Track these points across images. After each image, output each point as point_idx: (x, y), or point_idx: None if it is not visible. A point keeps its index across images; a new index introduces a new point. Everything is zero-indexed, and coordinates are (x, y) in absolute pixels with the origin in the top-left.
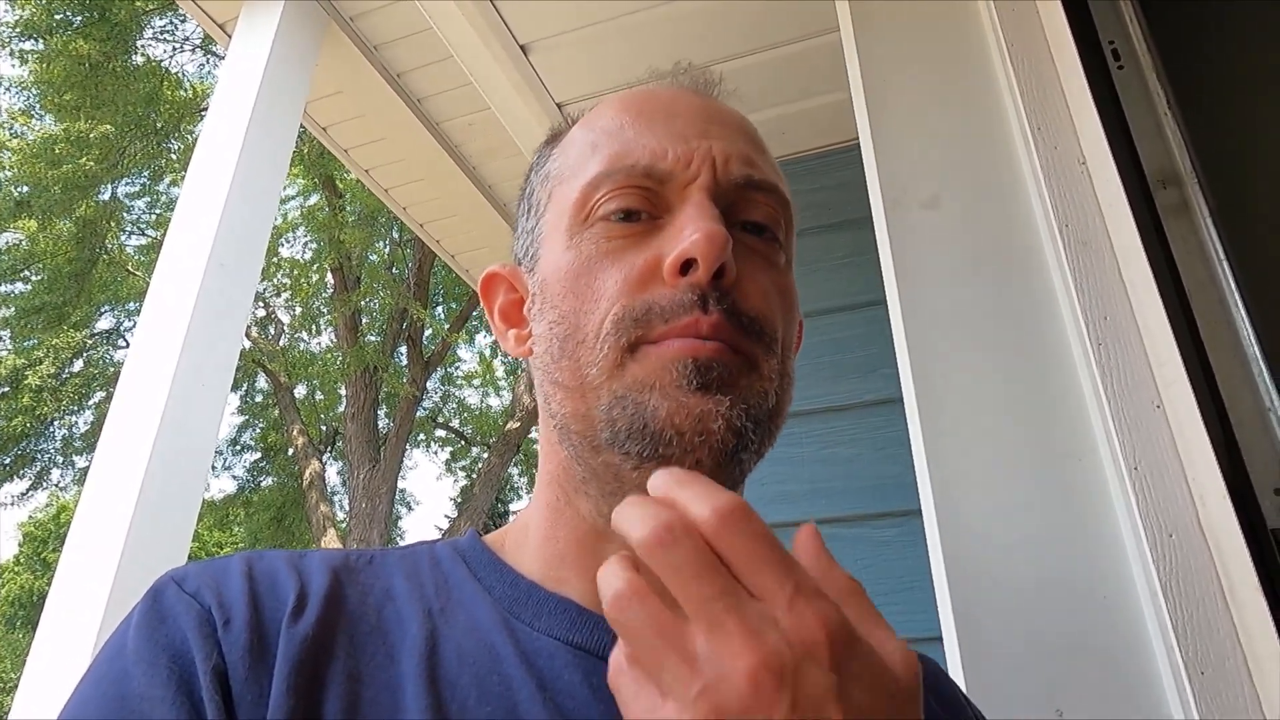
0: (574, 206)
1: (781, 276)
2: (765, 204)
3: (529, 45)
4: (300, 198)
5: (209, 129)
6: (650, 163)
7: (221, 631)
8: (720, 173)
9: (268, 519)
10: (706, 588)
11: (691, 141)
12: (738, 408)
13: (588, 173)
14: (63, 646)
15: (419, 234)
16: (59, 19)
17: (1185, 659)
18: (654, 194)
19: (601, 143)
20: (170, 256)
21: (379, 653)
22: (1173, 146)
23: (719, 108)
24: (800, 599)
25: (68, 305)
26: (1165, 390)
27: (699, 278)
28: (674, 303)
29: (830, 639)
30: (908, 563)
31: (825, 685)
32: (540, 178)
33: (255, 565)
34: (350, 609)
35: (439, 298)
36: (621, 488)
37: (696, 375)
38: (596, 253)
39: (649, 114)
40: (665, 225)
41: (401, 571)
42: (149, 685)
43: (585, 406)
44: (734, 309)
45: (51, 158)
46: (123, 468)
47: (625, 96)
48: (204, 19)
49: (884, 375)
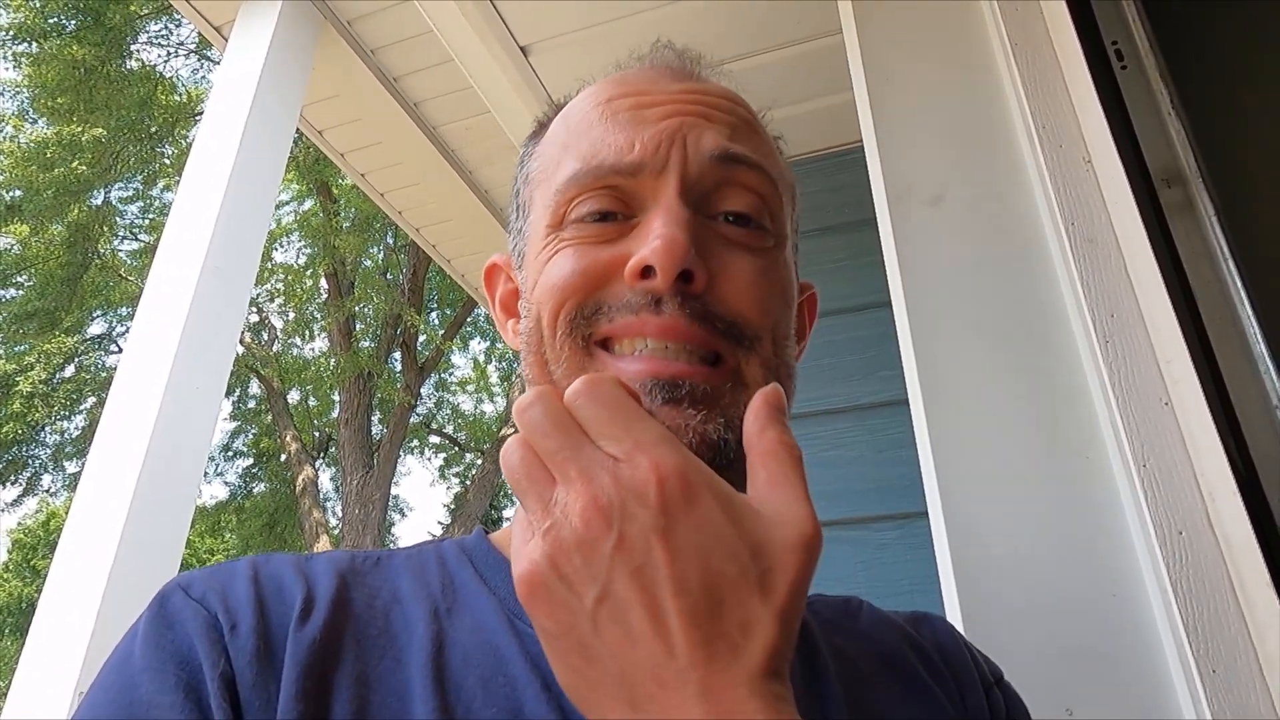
0: (549, 210)
1: (768, 261)
2: (746, 183)
3: (529, 46)
4: (294, 203)
5: (204, 132)
6: (616, 160)
7: (228, 637)
8: (691, 153)
9: (260, 525)
10: (553, 442)
11: (660, 125)
12: (715, 421)
13: (560, 175)
14: (53, 654)
15: (415, 238)
16: (53, 23)
17: (1196, 657)
18: (625, 190)
19: (573, 141)
20: (165, 260)
21: (386, 656)
22: (1176, 145)
23: (696, 86)
24: (639, 450)
25: (59, 310)
26: (1173, 387)
27: (655, 284)
28: (623, 302)
29: (661, 483)
30: (909, 565)
31: (650, 524)
32: (523, 177)
33: (261, 569)
34: (357, 612)
35: (433, 304)
36: None
37: (662, 391)
38: (565, 251)
39: (618, 103)
40: (637, 225)
41: (408, 572)
42: (157, 692)
43: None
44: (706, 312)
45: (44, 161)
46: (115, 473)
47: (599, 85)
48: (200, 22)
49: (884, 377)
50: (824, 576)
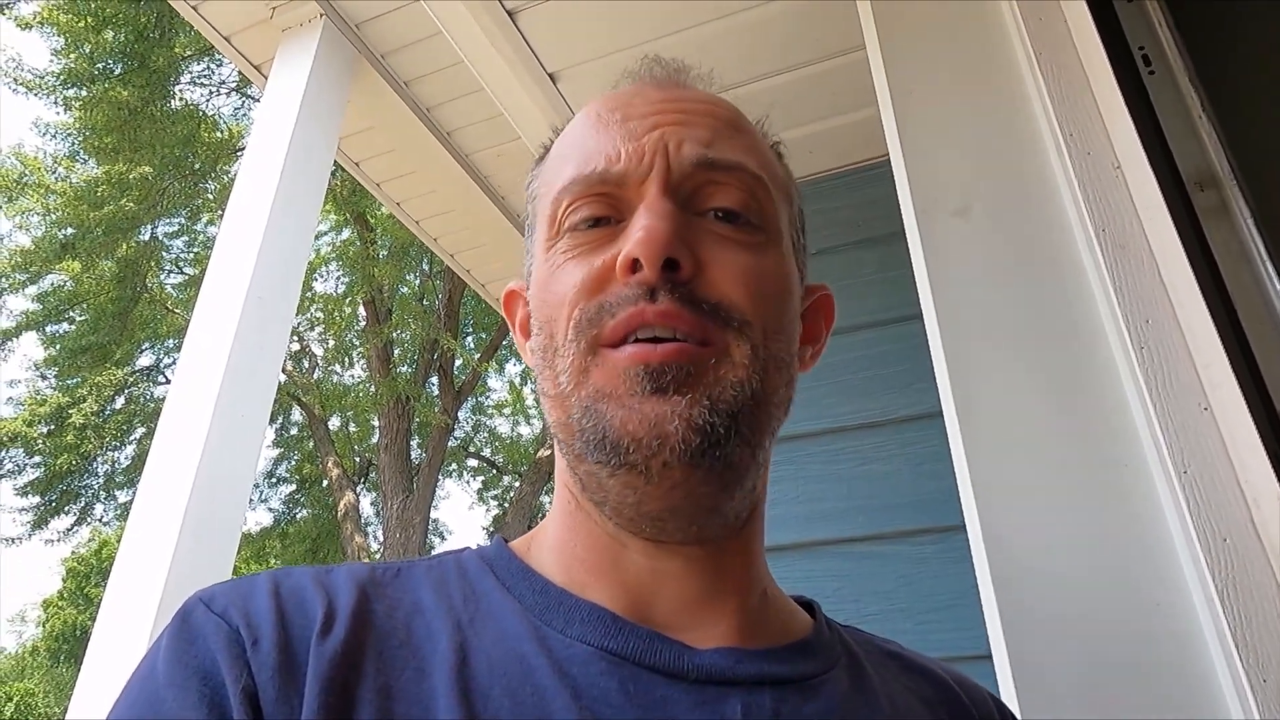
0: (547, 221)
1: (759, 258)
2: (730, 184)
3: (557, 74)
4: (333, 233)
5: (246, 167)
6: (605, 168)
7: (250, 651)
8: (673, 159)
9: (303, 551)
10: None
11: (642, 136)
12: (699, 405)
13: (555, 187)
14: (108, 680)
15: (449, 264)
16: (100, 68)
17: (1245, 666)
18: (615, 197)
19: (568, 154)
20: (210, 293)
21: (409, 667)
22: (1208, 149)
23: (679, 94)
24: None
25: (111, 344)
26: (1212, 392)
27: (645, 275)
28: (620, 298)
29: None
30: (949, 579)
31: None
32: (529, 197)
33: (282, 583)
34: (378, 624)
35: (469, 328)
36: (607, 496)
37: (649, 380)
38: (563, 261)
39: (606, 116)
40: (626, 227)
41: (429, 583)
42: (181, 708)
43: (564, 415)
44: (693, 296)
45: (94, 200)
46: (165, 502)
47: (591, 103)
48: (240, 61)
49: (919, 390)
50: (865, 590)
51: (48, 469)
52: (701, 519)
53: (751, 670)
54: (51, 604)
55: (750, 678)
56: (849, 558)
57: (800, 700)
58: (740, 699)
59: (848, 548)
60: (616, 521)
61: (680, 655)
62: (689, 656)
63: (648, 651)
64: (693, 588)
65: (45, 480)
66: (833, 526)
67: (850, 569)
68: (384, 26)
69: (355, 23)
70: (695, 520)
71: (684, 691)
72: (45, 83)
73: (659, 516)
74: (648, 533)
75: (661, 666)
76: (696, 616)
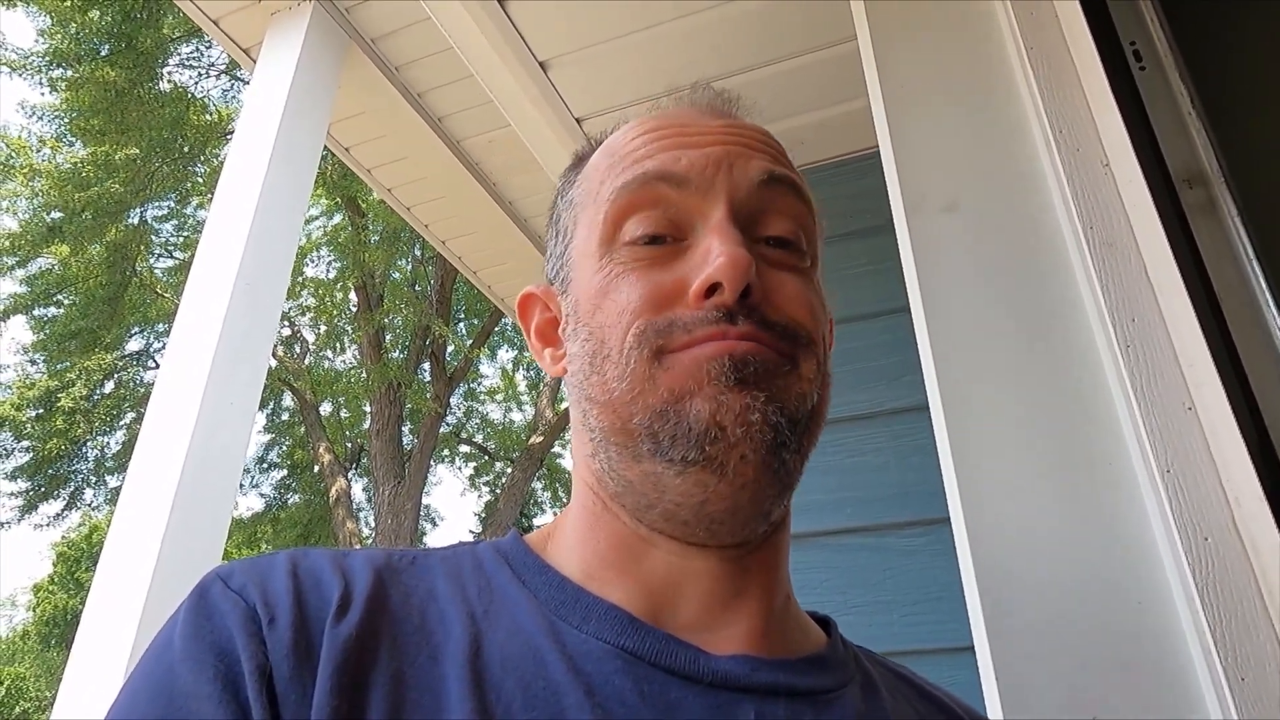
0: (600, 229)
1: (807, 281)
2: (787, 209)
3: (547, 62)
4: (324, 218)
5: (235, 151)
6: (663, 168)
7: (266, 630)
8: (739, 177)
9: (295, 536)
10: None
11: (705, 150)
12: (774, 404)
13: (608, 190)
14: (98, 664)
15: (441, 251)
16: (87, 48)
17: (1224, 664)
18: (674, 206)
19: (618, 162)
20: (198, 277)
21: (422, 654)
22: (1198, 146)
23: (735, 123)
24: None
25: (100, 328)
26: (1196, 391)
27: (724, 299)
28: (697, 319)
29: None
30: (936, 572)
31: None
32: (565, 203)
33: (300, 564)
34: (394, 609)
35: (461, 314)
36: (662, 497)
37: (734, 370)
38: (623, 271)
39: (662, 131)
40: (689, 248)
41: (444, 573)
42: (196, 683)
43: (621, 420)
44: (764, 320)
45: (80, 181)
46: (154, 487)
47: (640, 119)
48: (229, 44)
49: (908, 383)
50: (853, 581)
51: (37, 453)
52: (755, 522)
53: (766, 679)
54: (42, 588)
55: (765, 686)
56: (837, 550)
57: (813, 714)
58: (754, 706)
59: (836, 540)
60: (661, 525)
61: (696, 658)
62: (705, 660)
63: (663, 652)
64: (719, 589)
65: (34, 465)
66: (820, 519)
67: (838, 561)
68: (374, 11)
69: (345, 6)
70: (750, 523)
71: (698, 695)
72: (31, 63)
73: (719, 518)
74: (699, 536)
75: (677, 668)
76: (719, 619)
